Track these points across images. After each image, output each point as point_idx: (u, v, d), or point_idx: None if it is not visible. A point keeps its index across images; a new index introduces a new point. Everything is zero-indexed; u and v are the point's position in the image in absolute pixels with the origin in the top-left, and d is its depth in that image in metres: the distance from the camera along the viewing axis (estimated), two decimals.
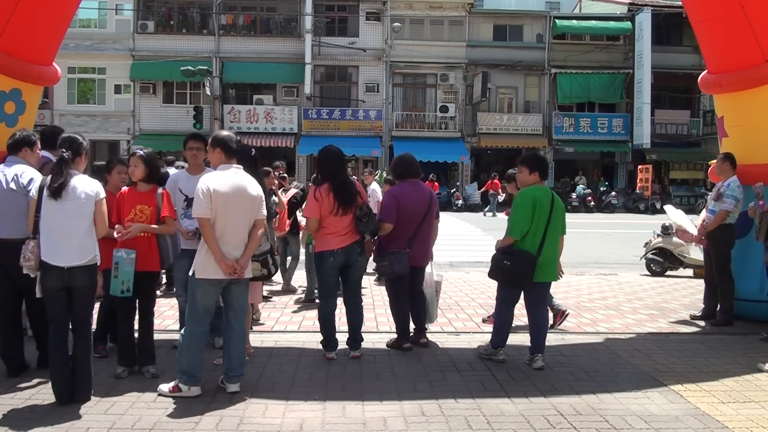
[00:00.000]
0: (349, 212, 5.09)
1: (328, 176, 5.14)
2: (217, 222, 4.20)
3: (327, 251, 5.12)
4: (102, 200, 4.19)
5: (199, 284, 4.24)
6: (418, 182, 5.65)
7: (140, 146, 5.35)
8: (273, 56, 28.38)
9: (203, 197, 4.15)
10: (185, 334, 4.31)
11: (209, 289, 4.25)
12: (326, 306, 5.27)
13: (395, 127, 28.95)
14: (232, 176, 4.31)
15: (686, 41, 27.76)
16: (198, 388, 4.25)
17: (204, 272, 4.21)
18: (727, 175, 6.62)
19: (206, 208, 4.15)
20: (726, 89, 7.06)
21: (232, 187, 4.24)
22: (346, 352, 5.28)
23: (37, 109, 6.92)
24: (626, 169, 30.29)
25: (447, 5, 29.29)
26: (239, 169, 4.38)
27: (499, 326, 5.19)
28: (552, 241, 5.03)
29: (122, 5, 29.13)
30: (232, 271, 4.20)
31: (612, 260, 12.37)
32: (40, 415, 3.90)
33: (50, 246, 4.05)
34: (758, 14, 6.24)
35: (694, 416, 4.05)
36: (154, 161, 4.76)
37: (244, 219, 4.31)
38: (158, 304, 5.15)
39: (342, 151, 5.37)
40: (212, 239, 4.16)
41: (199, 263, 4.24)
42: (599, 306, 7.64)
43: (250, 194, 4.33)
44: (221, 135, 4.48)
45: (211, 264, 4.19)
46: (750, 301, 6.66)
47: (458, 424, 3.87)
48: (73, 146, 4.17)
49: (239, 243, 4.29)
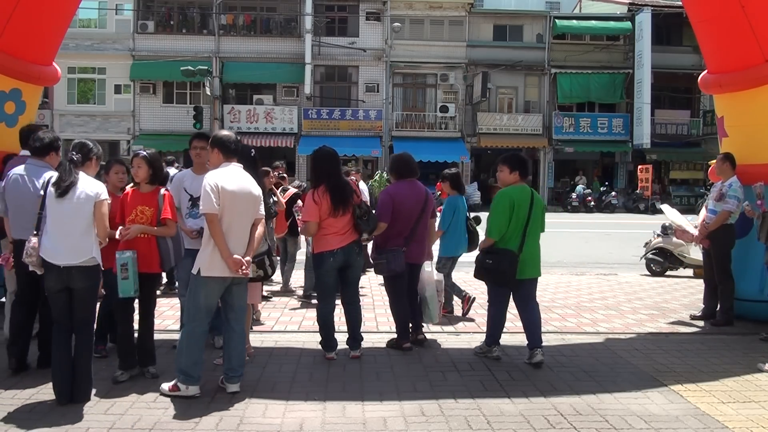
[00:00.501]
0: (348, 212, 5.10)
1: (323, 178, 5.14)
2: (224, 218, 4.20)
3: (327, 251, 5.12)
4: (102, 201, 4.19)
5: (205, 282, 4.22)
6: (415, 181, 5.67)
7: (142, 147, 5.34)
8: (273, 56, 28.39)
9: (211, 193, 4.15)
10: (185, 334, 4.29)
11: (214, 287, 4.24)
12: (325, 307, 5.27)
13: (395, 127, 28.96)
14: (237, 174, 4.34)
15: (686, 41, 27.77)
16: (196, 388, 4.23)
17: (210, 270, 4.20)
18: (727, 176, 6.62)
19: (214, 204, 4.14)
20: (726, 89, 7.06)
21: (237, 184, 4.28)
22: (346, 352, 5.28)
23: (37, 109, 6.92)
24: (626, 169, 30.30)
25: (447, 5, 29.29)
26: (239, 168, 4.40)
27: (490, 325, 5.29)
28: (533, 238, 5.14)
29: (122, 5, 29.14)
30: (239, 267, 4.19)
31: (612, 260, 12.38)
32: (41, 415, 3.90)
33: (50, 244, 4.08)
34: (758, 14, 6.24)
35: (694, 416, 4.05)
36: (157, 162, 4.75)
37: (247, 217, 4.34)
38: (158, 304, 5.14)
39: (336, 151, 5.36)
40: (220, 235, 4.16)
41: (204, 261, 4.22)
42: (599, 306, 7.64)
43: (252, 193, 4.36)
44: (219, 135, 4.49)
45: (217, 261, 4.18)
46: (750, 301, 6.66)
47: (458, 424, 3.87)
48: (83, 150, 4.29)
49: (242, 241, 4.31)
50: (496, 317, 5.26)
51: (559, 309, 7.37)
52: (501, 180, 5.29)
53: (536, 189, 31.38)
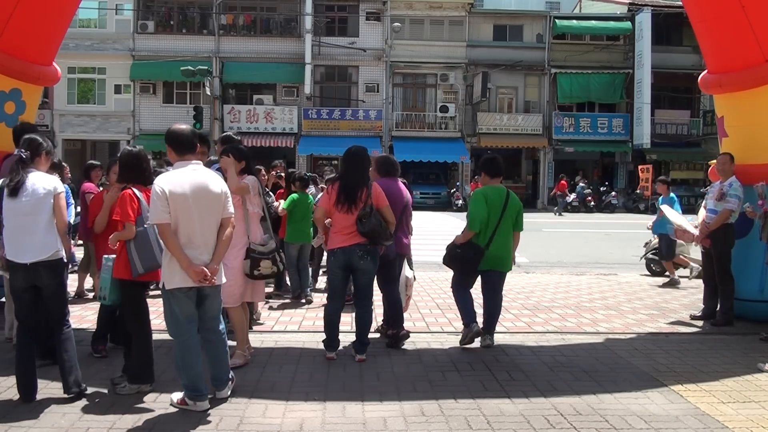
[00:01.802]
0: (354, 212, 5.09)
1: (342, 174, 5.34)
2: (180, 226, 3.88)
3: (330, 249, 5.28)
4: (60, 194, 4.17)
5: (172, 295, 3.94)
6: (397, 179, 5.87)
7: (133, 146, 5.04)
8: (273, 56, 28.40)
9: (158, 200, 3.81)
10: (178, 351, 4.02)
11: (182, 298, 3.94)
12: (331, 306, 5.28)
13: (395, 127, 28.97)
14: (190, 174, 3.97)
15: (686, 41, 27.77)
16: (205, 403, 3.98)
17: (172, 282, 3.91)
18: (728, 175, 6.63)
19: (163, 212, 3.82)
20: (726, 89, 7.06)
21: (191, 186, 3.91)
22: (346, 352, 5.28)
23: (37, 109, 6.92)
24: (626, 169, 30.30)
25: (447, 5, 29.30)
26: (198, 165, 4.08)
27: (461, 307, 5.70)
28: (503, 235, 5.56)
29: (122, 5, 29.15)
30: (203, 277, 3.87)
31: (612, 260, 12.38)
32: (40, 415, 3.90)
33: (13, 244, 4.09)
34: (758, 14, 6.24)
35: (694, 416, 4.04)
36: (128, 161, 4.46)
37: (211, 219, 4.00)
38: (154, 304, 5.10)
39: (365, 149, 5.41)
40: (174, 245, 3.83)
41: (164, 273, 3.93)
42: (599, 306, 7.64)
43: (212, 192, 4.00)
44: (171, 129, 4.12)
45: (178, 271, 3.88)
46: (750, 301, 6.66)
47: (458, 424, 3.87)
48: (31, 147, 4.24)
49: (209, 246, 3.99)
50: (461, 300, 5.68)
51: (559, 309, 7.38)
52: (482, 182, 5.87)
53: (536, 189, 31.46)
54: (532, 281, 9.50)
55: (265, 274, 4.90)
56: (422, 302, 7.58)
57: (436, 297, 7.84)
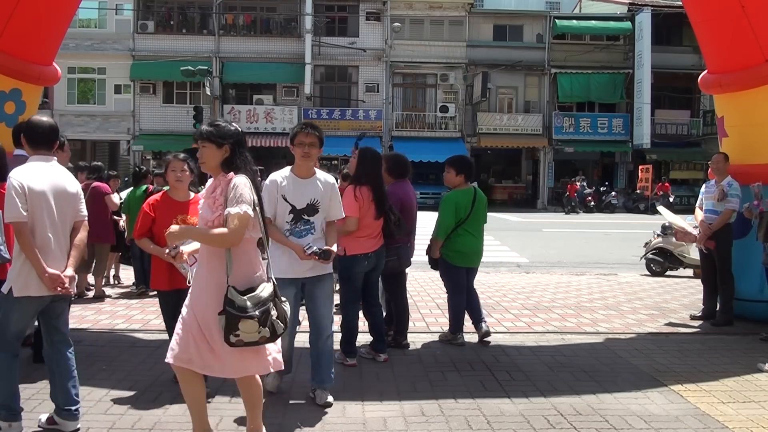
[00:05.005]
0: (383, 216, 5.06)
1: (369, 179, 5.02)
2: (38, 226, 3.45)
3: (361, 254, 4.98)
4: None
5: (17, 303, 3.48)
6: (408, 181, 5.84)
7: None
8: (273, 56, 28.42)
9: (16, 196, 3.37)
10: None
11: (28, 309, 3.53)
12: (353, 311, 5.15)
13: (395, 127, 28.98)
14: (46, 169, 3.56)
15: (686, 41, 27.78)
16: (19, 424, 3.52)
17: (24, 289, 3.46)
18: (723, 175, 6.62)
19: (20, 210, 3.37)
20: (726, 89, 7.06)
21: (48, 182, 3.52)
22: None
23: (37, 109, 6.91)
24: (626, 169, 30.31)
25: (447, 5, 29.31)
26: (53, 161, 3.66)
27: (452, 314, 5.81)
28: (475, 233, 5.71)
29: (122, 5, 29.18)
30: (60, 284, 3.50)
31: (612, 260, 12.38)
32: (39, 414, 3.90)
33: None
34: (758, 14, 6.24)
35: (694, 416, 4.05)
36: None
37: (67, 222, 3.62)
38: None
39: (379, 153, 5.38)
40: (31, 248, 3.41)
41: (14, 278, 3.48)
42: (599, 306, 7.64)
43: (67, 190, 3.61)
44: (29, 120, 3.76)
45: (33, 278, 3.45)
46: (750, 301, 6.66)
47: (458, 424, 3.87)
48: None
49: (64, 251, 3.60)
50: (456, 307, 5.76)
51: (559, 309, 7.38)
52: (447, 180, 5.82)
53: (536, 189, 31.40)
54: (532, 281, 9.50)
55: (248, 342, 3.11)
56: (422, 302, 7.58)
57: (436, 297, 7.84)
